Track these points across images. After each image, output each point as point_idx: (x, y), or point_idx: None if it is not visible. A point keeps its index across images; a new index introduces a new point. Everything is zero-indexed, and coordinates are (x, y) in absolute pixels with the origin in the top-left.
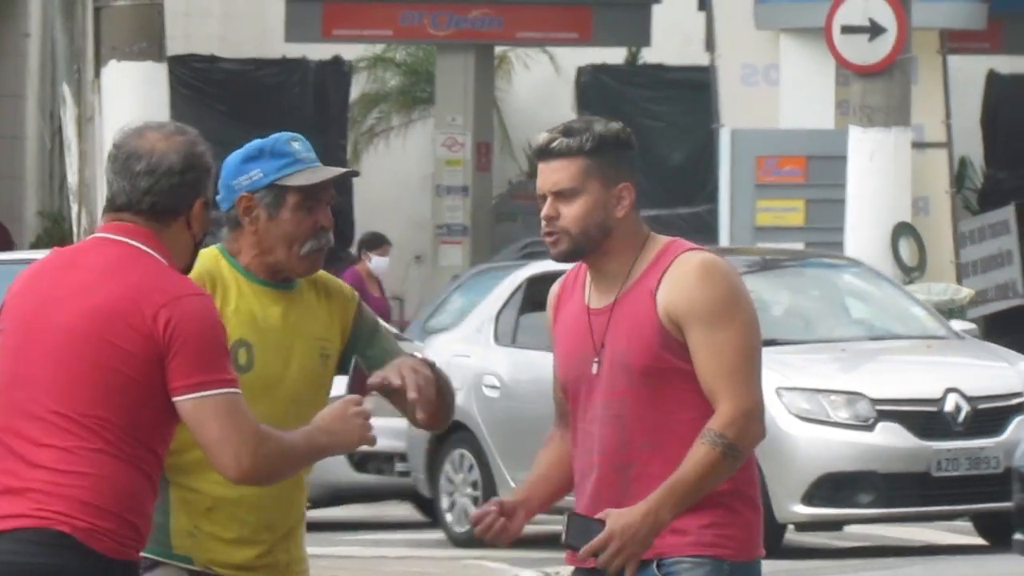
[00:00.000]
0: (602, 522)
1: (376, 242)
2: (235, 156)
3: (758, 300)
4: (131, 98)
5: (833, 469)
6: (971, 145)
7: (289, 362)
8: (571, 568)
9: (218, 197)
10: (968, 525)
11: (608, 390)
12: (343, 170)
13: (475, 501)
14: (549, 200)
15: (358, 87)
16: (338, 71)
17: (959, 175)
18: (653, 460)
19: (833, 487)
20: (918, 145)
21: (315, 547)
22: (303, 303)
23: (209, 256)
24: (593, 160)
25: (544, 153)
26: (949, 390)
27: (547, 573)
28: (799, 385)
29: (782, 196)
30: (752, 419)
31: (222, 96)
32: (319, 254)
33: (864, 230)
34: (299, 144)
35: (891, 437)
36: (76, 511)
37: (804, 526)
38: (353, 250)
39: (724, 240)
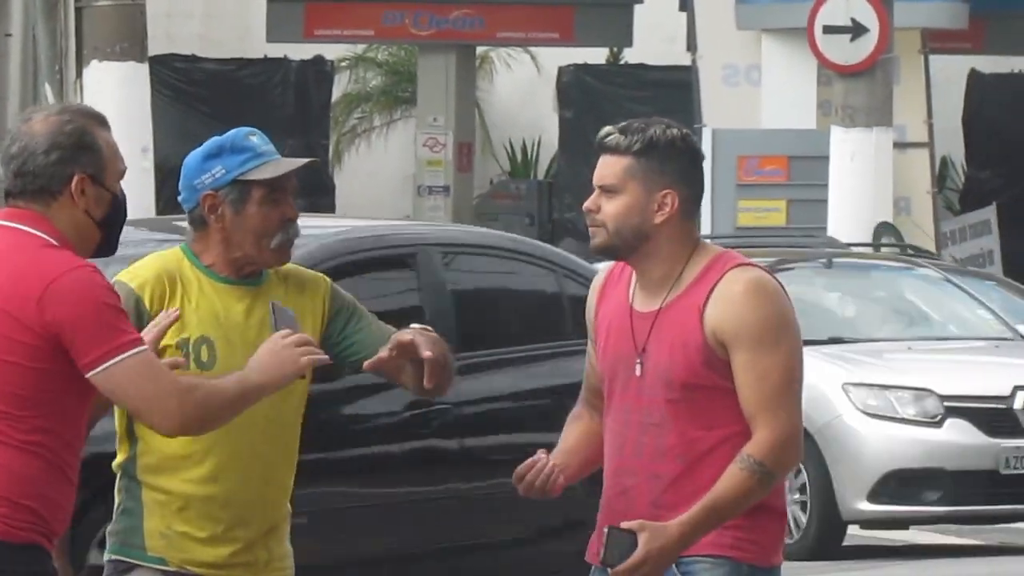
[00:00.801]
0: (635, 534)
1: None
2: (195, 155)
3: (826, 300)
4: (113, 98)
5: (899, 466)
6: (953, 145)
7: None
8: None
9: (180, 198)
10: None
11: (649, 397)
12: (305, 160)
13: None
14: (595, 192)
15: (340, 87)
16: (320, 71)
17: (941, 175)
18: (686, 474)
19: (900, 484)
20: (900, 145)
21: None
22: (271, 298)
23: (171, 256)
24: (639, 162)
25: (600, 146)
26: (1018, 388)
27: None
28: (866, 381)
29: (764, 196)
30: (790, 446)
31: (203, 96)
32: (289, 245)
33: (846, 230)
34: (257, 138)
35: (959, 434)
36: None
37: (869, 524)
38: None
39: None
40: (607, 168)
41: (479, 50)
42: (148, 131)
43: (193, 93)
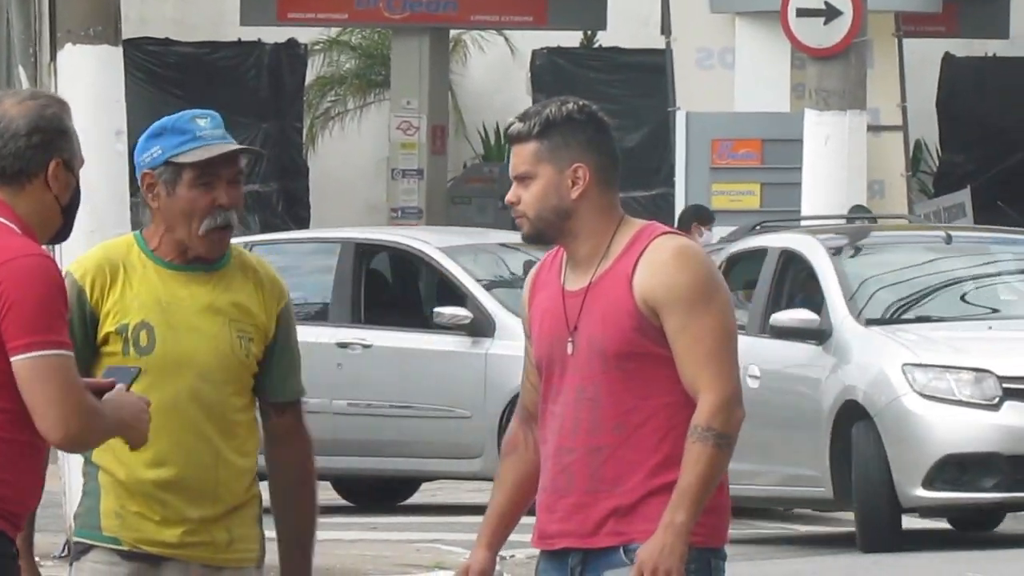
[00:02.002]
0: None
1: (709, 216)
2: (143, 134)
3: (951, 277)
4: (87, 82)
5: (954, 451)
6: (927, 128)
7: (198, 341)
8: (527, 551)
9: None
10: None
11: (583, 373)
12: (238, 147)
13: None
14: (513, 185)
15: (313, 70)
16: (293, 54)
17: (915, 158)
18: (624, 444)
19: (955, 470)
20: (873, 128)
21: (271, 530)
22: (222, 285)
23: (120, 243)
24: (542, 143)
25: (508, 139)
26: None
27: (502, 556)
28: (925, 361)
29: (737, 179)
30: (734, 404)
31: (177, 79)
32: (220, 232)
33: (819, 213)
34: (206, 121)
35: (1018, 417)
36: None
37: (927, 512)
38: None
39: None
40: (517, 157)
41: (452, 33)
42: (122, 114)
43: (167, 76)
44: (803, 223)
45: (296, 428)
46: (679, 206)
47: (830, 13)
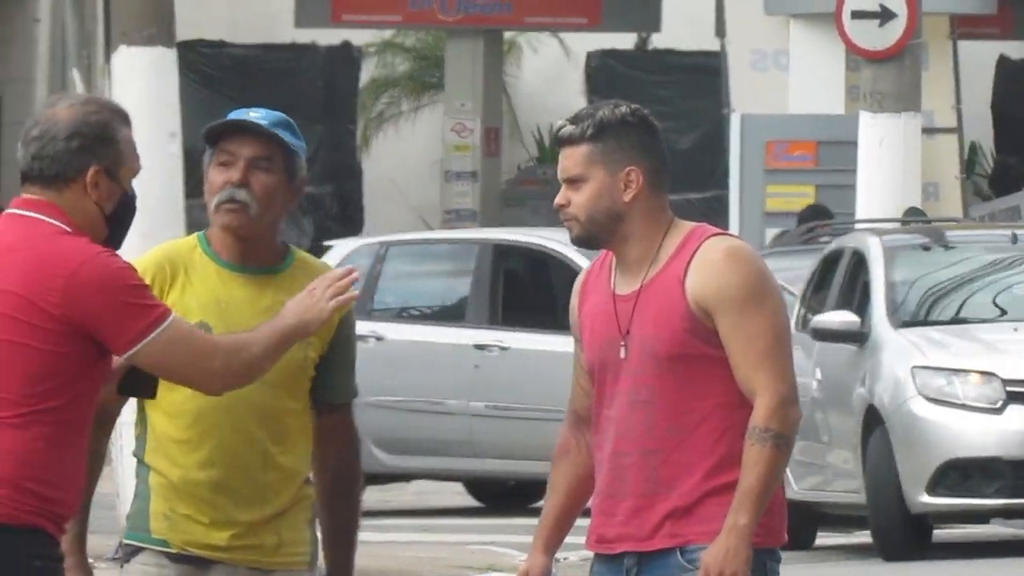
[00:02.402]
0: None
1: (828, 215)
2: None
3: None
4: (141, 83)
5: (956, 455)
6: (981, 131)
7: None
8: (580, 554)
9: None
10: None
11: (636, 376)
12: (247, 120)
13: None
14: (563, 187)
15: (367, 72)
16: (347, 56)
17: (969, 161)
18: (679, 447)
19: (959, 476)
20: (928, 131)
21: None
22: (282, 288)
23: (183, 243)
24: (595, 146)
25: (557, 141)
26: None
27: (556, 559)
28: (933, 364)
29: (792, 181)
30: (791, 404)
31: (231, 81)
32: (231, 207)
33: (874, 215)
34: (258, 113)
35: (1020, 421)
36: None
37: (935, 519)
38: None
39: (735, 227)
40: (568, 160)
41: (507, 35)
42: (176, 117)
43: (221, 79)
44: (857, 226)
45: (346, 428)
46: (733, 208)
47: (885, 15)
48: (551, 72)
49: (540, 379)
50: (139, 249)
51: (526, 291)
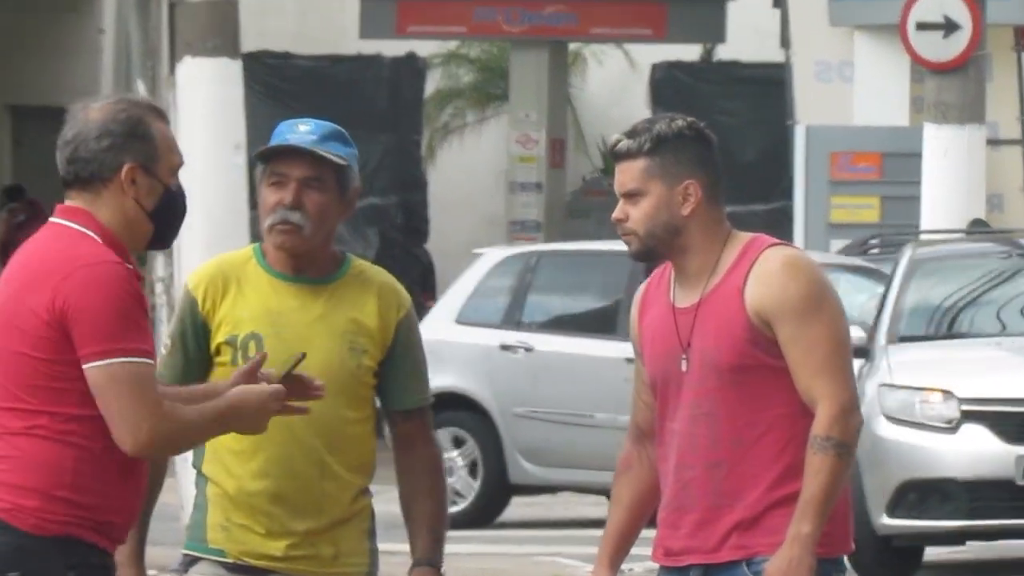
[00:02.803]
0: None
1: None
2: None
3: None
4: (205, 94)
5: (911, 476)
6: None
7: (308, 353)
8: (645, 564)
9: None
10: None
11: (698, 388)
12: (298, 145)
13: None
14: (620, 202)
15: (432, 83)
16: (412, 67)
17: None
18: (744, 458)
19: (917, 497)
20: (992, 142)
21: (386, 544)
22: (336, 297)
23: (238, 255)
24: (653, 160)
25: (612, 155)
26: None
27: (621, 570)
28: (897, 382)
29: (856, 193)
30: (852, 411)
31: (296, 93)
32: (284, 228)
33: (938, 227)
34: (306, 128)
35: (974, 441)
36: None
37: (899, 540)
38: (428, 247)
39: (799, 238)
40: (625, 174)
41: (571, 46)
42: (241, 128)
43: (286, 90)
44: (921, 237)
45: (421, 435)
46: (798, 219)
47: (949, 27)
48: (616, 83)
49: None
50: (203, 258)
51: None
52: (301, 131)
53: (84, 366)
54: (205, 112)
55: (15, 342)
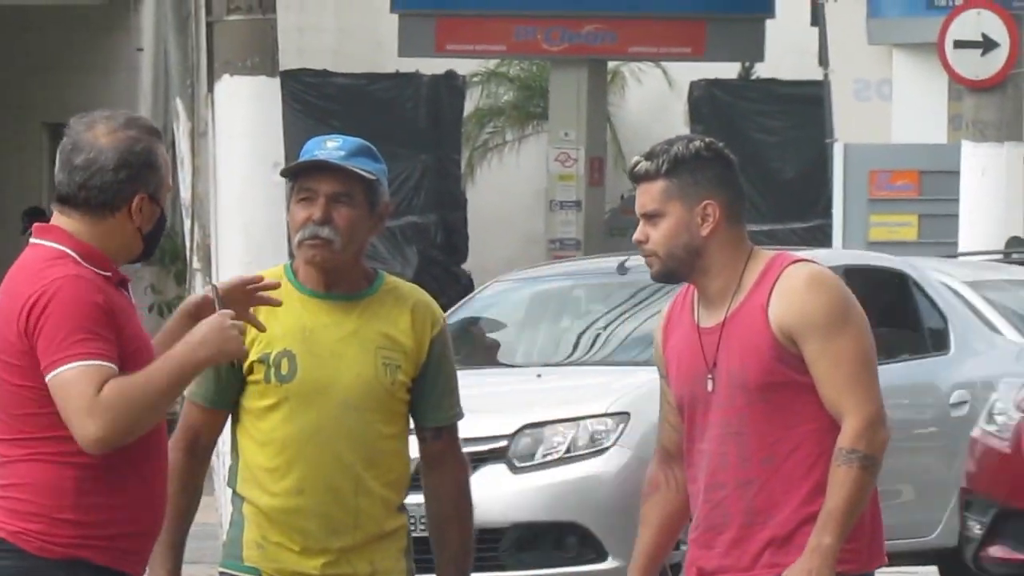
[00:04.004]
0: None
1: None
2: None
3: None
4: (244, 112)
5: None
6: None
7: (340, 368)
8: None
9: None
10: None
11: (726, 408)
12: (326, 160)
13: None
14: (640, 223)
15: (472, 102)
16: (452, 85)
17: None
18: (774, 476)
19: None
20: None
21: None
22: (368, 312)
23: (270, 274)
24: (671, 181)
25: (632, 177)
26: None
27: None
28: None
29: (895, 211)
30: (878, 425)
31: (335, 111)
32: (314, 243)
33: (977, 245)
34: (334, 144)
35: None
36: (4, 517)
37: None
38: (467, 265)
39: None
40: (645, 196)
41: (610, 65)
42: (279, 146)
43: (324, 108)
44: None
45: (450, 453)
46: (836, 237)
47: (987, 45)
48: (655, 102)
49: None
50: None
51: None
52: (329, 147)
53: (46, 378)
54: (243, 130)
55: (3, 372)
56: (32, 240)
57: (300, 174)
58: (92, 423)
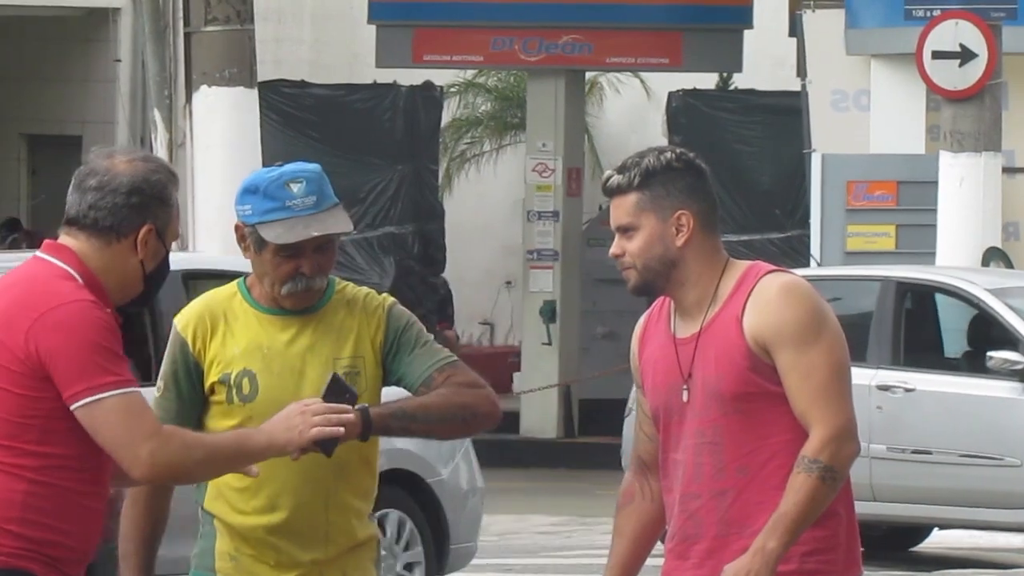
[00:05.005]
0: None
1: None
2: (243, 182)
3: None
4: (222, 124)
5: None
6: None
7: (301, 384)
8: None
9: None
10: None
11: (701, 418)
12: (318, 234)
13: None
14: (616, 238)
15: (449, 112)
16: (429, 96)
17: None
18: (749, 486)
19: None
20: (1008, 170)
21: None
22: (323, 325)
23: (223, 292)
24: (644, 194)
25: (605, 191)
26: None
27: None
28: None
29: (873, 221)
30: (845, 438)
31: (312, 122)
32: (303, 293)
33: (954, 255)
34: (299, 186)
35: None
36: None
37: None
38: (445, 275)
39: (815, 266)
40: (618, 209)
41: (588, 75)
42: (257, 156)
43: (302, 118)
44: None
45: (463, 373)
46: (814, 248)
47: (965, 55)
48: (632, 112)
49: (947, 422)
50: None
51: (928, 331)
52: (297, 193)
53: (73, 407)
54: (222, 141)
55: None
56: (39, 254)
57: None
58: (147, 452)
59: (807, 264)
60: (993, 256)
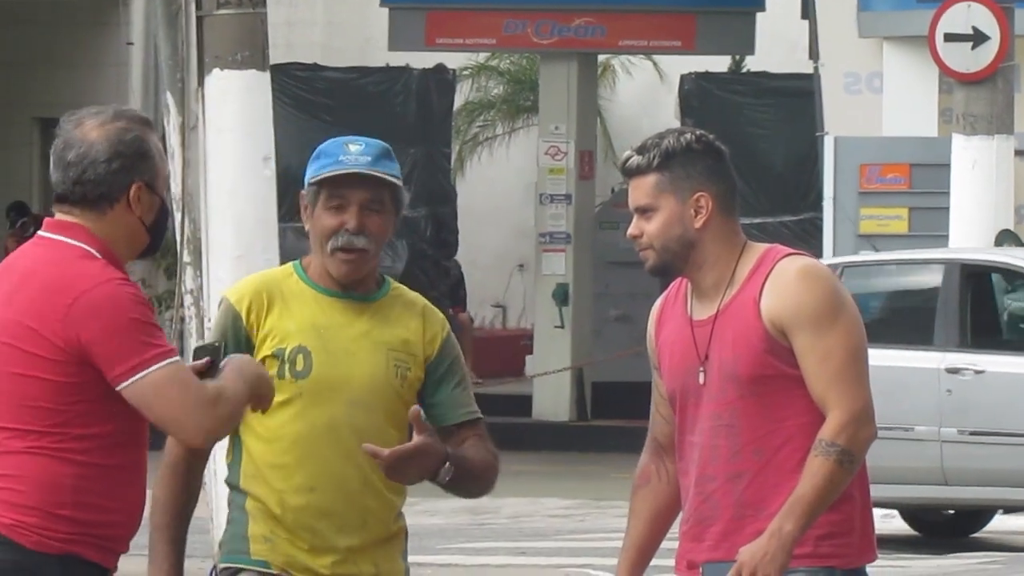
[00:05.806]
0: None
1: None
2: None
3: None
4: (234, 107)
5: None
6: None
7: (353, 367)
8: None
9: None
10: None
11: (718, 400)
12: (365, 171)
13: None
14: (635, 218)
15: (462, 95)
16: (442, 79)
17: None
18: (765, 468)
19: None
20: (1021, 153)
21: (417, 555)
22: (380, 314)
23: (279, 272)
24: (663, 175)
25: (624, 172)
26: None
27: None
28: None
29: (885, 204)
30: (863, 421)
31: (325, 105)
32: (348, 254)
33: (967, 238)
34: (357, 147)
35: None
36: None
37: None
38: (457, 259)
39: (828, 249)
40: (637, 191)
41: (601, 58)
42: (270, 140)
43: (315, 102)
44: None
45: (481, 441)
46: (827, 230)
47: (978, 38)
48: (645, 95)
49: (1019, 404)
50: (232, 271)
51: (995, 313)
52: (353, 151)
53: (120, 386)
54: (234, 124)
55: (16, 363)
56: (47, 235)
57: (328, 180)
58: (210, 417)
59: (819, 248)
60: (1006, 238)
